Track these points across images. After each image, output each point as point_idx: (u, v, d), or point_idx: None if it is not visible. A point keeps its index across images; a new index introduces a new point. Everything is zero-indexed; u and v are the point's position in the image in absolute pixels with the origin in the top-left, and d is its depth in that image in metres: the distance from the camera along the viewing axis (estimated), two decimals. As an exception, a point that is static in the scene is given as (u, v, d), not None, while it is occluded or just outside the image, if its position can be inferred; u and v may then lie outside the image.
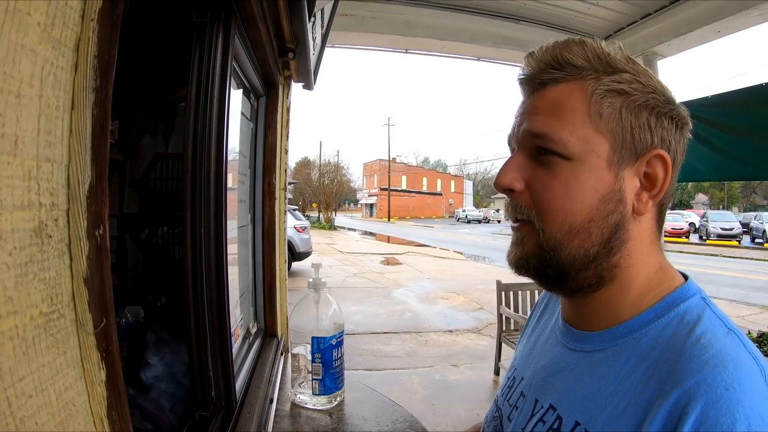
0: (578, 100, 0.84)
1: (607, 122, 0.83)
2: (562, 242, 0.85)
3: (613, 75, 0.85)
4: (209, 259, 1.51)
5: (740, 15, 4.38)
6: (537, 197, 0.87)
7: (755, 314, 11.40)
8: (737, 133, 4.65)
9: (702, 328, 0.76)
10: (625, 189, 0.84)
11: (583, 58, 0.86)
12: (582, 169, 0.83)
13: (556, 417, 0.86)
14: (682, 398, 0.68)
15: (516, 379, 1.09)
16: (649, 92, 0.85)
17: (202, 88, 1.50)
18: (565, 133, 0.83)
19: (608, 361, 0.83)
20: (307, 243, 16.09)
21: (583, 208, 0.83)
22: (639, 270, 0.87)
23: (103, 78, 0.62)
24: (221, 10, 1.56)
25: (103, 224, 0.62)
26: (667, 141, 0.85)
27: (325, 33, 3.14)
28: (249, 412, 1.76)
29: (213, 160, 1.50)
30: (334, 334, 2.08)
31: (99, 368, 0.62)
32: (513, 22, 5.41)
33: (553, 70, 0.87)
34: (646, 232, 0.88)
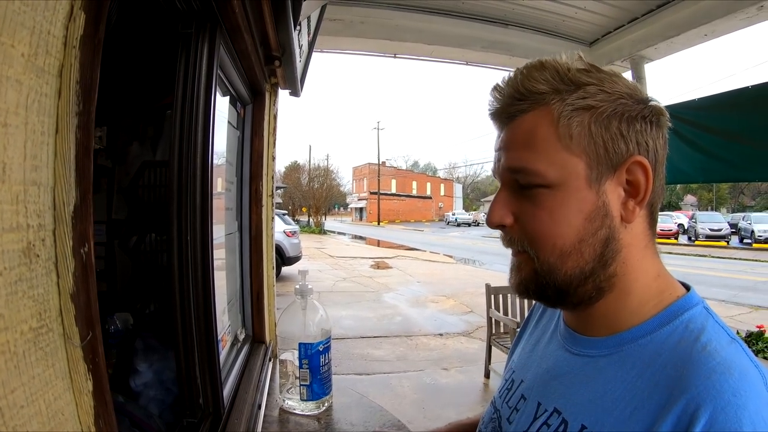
0: (546, 126, 0.85)
1: (578, 142, 0.84)
2: (556, 266, 0.87)
3: (577, 91, 0.85)
4: (196, 267, 1.53)
5: (727, 18, 4.41)
6: (526, 228, 0.89)
7: (744, 314, 11.44)
8: (724, 135, 4.68)
9: (707, 337, 0.78)
10: (609, 202, 0.85)
11: (544, 82, 0.86)
12: (563, 193, 0.85)
13: (561, 420, 0.88)
14: (691, 403, 0.70)
15: (515, 381, 1.09)
16: (616, 99, 0.85)
17: (188, 98, 1.52)
18: (540, 164, 0.85)
19: (614, 366, 0.85)
20: (296, 247, 16.03)
21: (571, 230, 0.85)
22: (637, 276, 0.88)
23: (85, 102, 0.64)
24: (206, 21, 1.58)
25: (88, 242, 0.64)
26: (643, 143, 0.86)
27: (312, 40, 3.15)
28: (237, 418, 1.77)
29: (199, 168, 1.51)
30: (321, 340, 2.09)
31: (86, 379, 0.64)
32: (501, 26, 5.43)
33: (518, 101, 0.88)
34: (638, 237, 0.89)
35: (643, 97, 0.88)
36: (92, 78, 0.66)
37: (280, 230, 15.28)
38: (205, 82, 1.55)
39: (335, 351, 7.96)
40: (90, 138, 0.65)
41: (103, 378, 0.69)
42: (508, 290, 6.59)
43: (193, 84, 1.53)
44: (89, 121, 0.64)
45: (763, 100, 4.31)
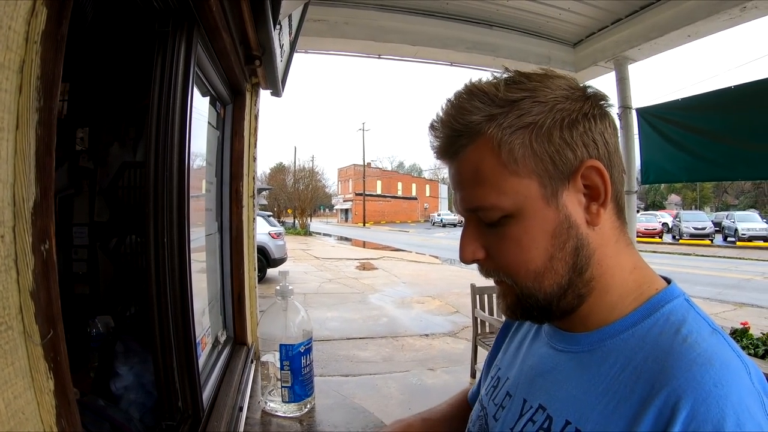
0: (489, 157, 0.84)
1: (524, 164, 0.83)
2: (534, 288, 0.87)
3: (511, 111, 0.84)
4: (173, 269, 1.52)
5: (710, 19, 4.45)
6: (498, 261, 0.90)
7: (728, 311, 11.57)
8: (707, 134, 4.73)
9: (688, 329, 0.79)
10: (570, 213, 0.86)
11: (476, 111, 0.85)
12: (524, 218, 0.85)
13: (546, 417, 0.88)
14: (672, 395, 0.70)
15: (501, 378, 1.10)
16: (553, 107, 0.84)
17: (164, 97, 1.51)
18: (493, 197, 0.85)
19: (597, 361, 0.85)
20: (282, 249, 16.01)
21: (540, 252, 0.85)
22: (613, 273, 0.89)
23: (47, 98, 0.63)
24: (183, 20, 1.57)
25: (49, 239, 0.63)
26: (591, 143, 0.85)
27: (294, 40, 3.14)
28: (217, 421, 1.76)
29: (176, 168, 1.50)
30: (302, 341, 2.08)
31: (47, 378, 0.63)
32: (486, 27, 5.45)
33: (456, 137, 0.87)
34: (608, 235, 0.89)
35: (580, 92, 0.87)
36: (54, 74, 0.65)
37: (265, 232, 15.27)
38: (182, 81, 1.54)
39: (321, 353, 7.99)
40: (51, 134, 0.64)
41: (66, 377, 0.68)
42: (493, 290, 6.59)
43: (170, 83, 1.52)
44: (51, 117, 0.64)
45: (746, 99, 4.37)
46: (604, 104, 0.89)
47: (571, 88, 0.87)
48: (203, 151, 2.20)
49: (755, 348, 4.64)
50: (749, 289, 15.03)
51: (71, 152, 2.64)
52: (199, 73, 1.94)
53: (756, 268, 19.87)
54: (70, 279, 2.66)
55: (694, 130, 4.86)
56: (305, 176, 54.68)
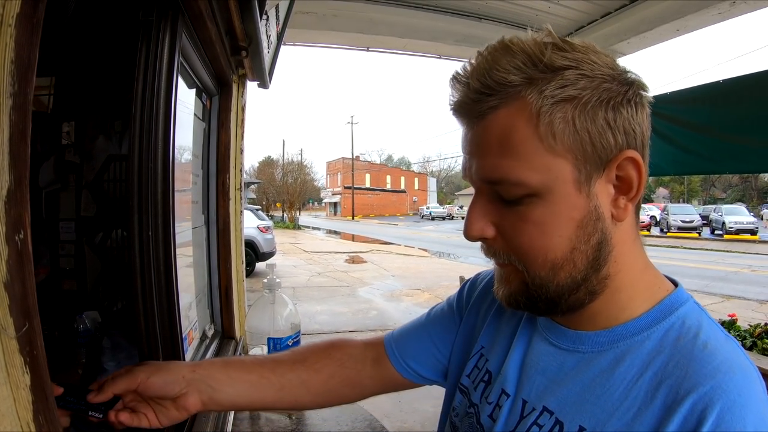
0: (524, 126, 0.75)
1: (562, 141, 0.75)
2: (548, 278, 0.81)
3: (554, 79, 0.74)
4: (158, 263, 1.50)
5: (699, 14, 4.46)
6: (512, 243, 0.82)
7: (716, 303, 11.66)
8: (696, 128, 4.75)
9: (706, 335, 0.77)
10: (600, 204, 0.79)
11: (516, 70, 0.75)
12: (551, 201, 0.77)
13: (555, 421, 0.83)
14: (699, 403, 0.69)
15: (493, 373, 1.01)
16: (599, 84, 0.75)
17: (148, 87, 1.49)
18: (522, 172, 0.76)
19: (610, 364, 0.81)
20: (270, 243, 15.97)
21: (562, 241, 0.79)
22: (628, 272, 0.84)
23: (21, 83, 0.61)
24: (168, 9, 1.54)
25: (24, 229, 0.61)
26: (631, 132, 0.78)
27: (281, 31, 3.12)
28: (205, 415, 1.75)
29: (160, 161, 1.48)
30: (290, 335, 2.07)
31: (23, 372, 0.61)
32: (474, 20, 5.44)
33: (487, 96, 0.77)
34: (627, 234, 0.84)
35: (625, 75, 0.79)
36: (30, 58, 0.63)
37: (254, 226, 15.23)
38: (167, 71, 1.52)
39: (310, 346, 8.00)
40: (26, 120, 0.62)
41: (43, 371, 0.66)
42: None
43: (154, 73, 1.50)
44: (26, 103, 0.61)
45: (734, 94, 4.39)
46: (644, 93, 0.81)
47: (616, 67, 0.79)
48: (189, 144, 2.18)
49: (743, 340, 4.68)
50: (736, 282, 15.16)
51: (57, 147, 2.61)
52: (185, 63, 1.92)
53: (743, 261, 20.04)
54: (57, 275, 2.63)
55: (682, 123, 4.87)
56: (294, 170, 54.65)
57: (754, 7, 4.30)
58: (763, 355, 4.37)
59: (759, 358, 4.26)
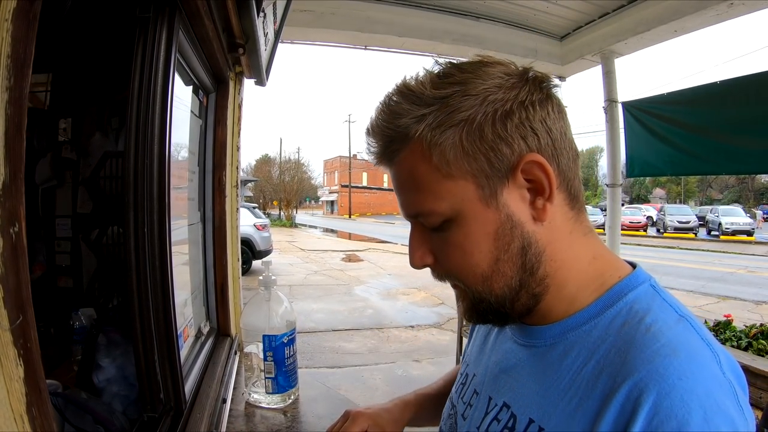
0: (421, 162, 0.81)
1: (456, 165, 0.80)
2: (485, 292, 0.85)
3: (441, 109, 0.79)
4: (153, 259, 1.50)
5: (696, 15, 4.48)
6: (445, 267, 0.89)
7: (712, 304, 11.71)
8: (692, 129, 4.77)
9: (652, 317, 0.76)
10: (513, 212, 0.82)
11: (405, 114, 0.81)
12: (464, 222, 0.82)
13: (510, 415, 0.86)
14: (633, 390, 0.68)
15: (468, 375, 1.09)
16: (484, 99, 0.79)
17: (145, 84, 1.48)
18: (429, 202, 0.82)
19: (559, 355, 0.83)
20: (267, 241, 15.99)
21: (483, 255, 0.83)
22: (570, 266, 0.86)
23: (17, 77, 0.61)
24: (165, 5, 1.54)
25: (19, 222, 0.62)
26: (529, 134, 0.80)
27: (279, 28, 3.11)
28: (200, 413, 1.74)
29: (156, 157, 1.48)
30: (285, 332, 2.07)
31: (17, 365, 0.62)
32: (472, 19, 5.46)
33: (389, 143, 0.85)
34: (560, 229, 0.85)
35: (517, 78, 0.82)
36: (26, 53, 0.63)
37: (251, 224, 15.28)
38: (163, 68, 1.52)
39: (307, 344, 7.98)
40: (22, 115, 0.62)
41: (36, 364, 0.66)
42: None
43: (151, 70, 1.49)
44: (21, 97, 0.62)
45: (731, 95, 4.42)
46: (546, 86, 0.84)
47: (507, 74, 0.82)
48: (185, 141, 2.18)
49: (738, 340, 4.69)
50: (732, 282, 15.23)
51: (54, 143, 2.61)
52: (181, 60, 1.92)
53: (739, 262, 20.12)
54: (53, 272, 2.63)
55: (679, 124, 4.89)
56: (291, 168, 54.64)
57: (752, 9, 4.32)
58: (759, 356, 4.37)
59: (755, 359, 4.26)
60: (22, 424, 0.63)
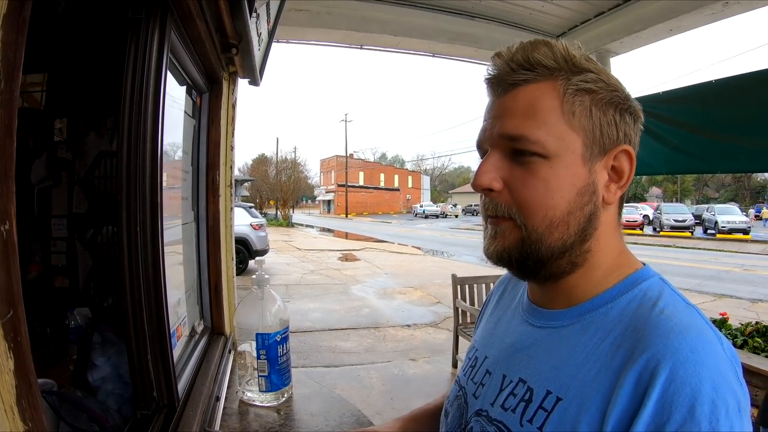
0: (551, 99, 0.88)
1: (579, 120, 0.88)
2: (544, 235, 0.89)
3: (580, 74, 0.89)
4: (146, 258, 1.51)
5: (692, 14, 4.49)
6: (517, 195, 0.90)
7: (708, 302, 11.75)
8: (688, 128, 4.76)
9: (664, 302, 0.84)
10: (597, 181, 0.90)
11: (552, 59, 0.89)
12: (559, 165, 0.88)
13: (527, 389, 0.90)
14: (651, 361, 0.74)
15: (479, 358, 1.12)
16: (612, 90, 0.91)
17: (137, 85, 1.50)
18: (542, 133, 0.87)
19: (576, 333, 0.89)
20: (263, 240, 15.96)
21: (563, 202, 0.88)
22: (606, 253, 0.93)
23: (8, 81, 0.63)
24: (157, 7, 1.55)
25: (9, 220, 0.63)
26: (629, 135, 0.92)
27: (272, 28, 3.12)
28: (192, 410, 1.76)
29: (148, 157, 1.49)
30: (278, 330, 2.08)
31: (7, 358, 0.63)
32: (468, 18, 5.45)
33: (525, 71, 0.90)
34: (611, 219, 0.95)
35: (629, 94, 0.94)
36: (16, 57, 0.65)
37: (247, 223, 15.24)
38: (155, 69, 1.53)
39: (303, 344, 7.99)
40: (12, 117, 0.64)
41: (26, 357, 0.68)
42: (474, 280, 6.67)
43: (143, 71, 1.51)
44: (11, 100, 0.64)
45: (726, 94, 4.41)
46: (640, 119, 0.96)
47: (624, 88, 0.94)
48: (179, 140, 2.18)
49: (734, 338, 4.72)
50: (728, 281, 15.28)
51: (50, 143, 2.61)
52: (174, 60, 1.93)
53: (735, 260, 20.17)
54: (49, 272, 2.64)
55: (674, 123, 4.89)
56: (288, 167, 54.52)
57: (747, 8, 4.34)
58: (754, 354, 4.40)
59: (750, 357, 4.29)
60: (12, 415, 0.64)
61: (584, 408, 0.79)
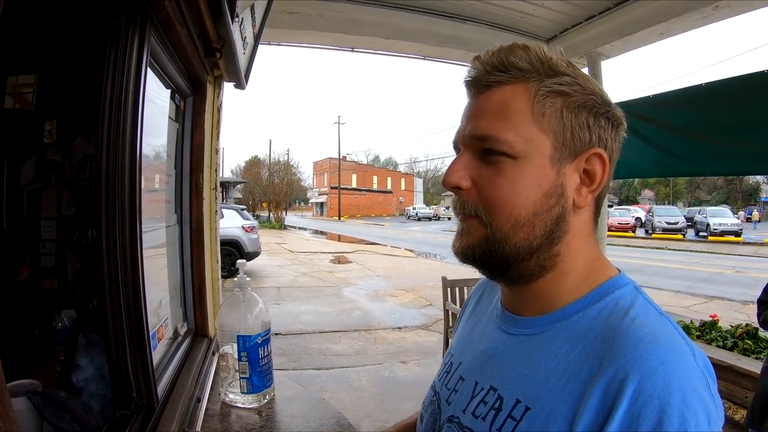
0: (522, 101, 0.90)
1: (549, 121, 0.89)
2: (508, 235, 0.90)
3: (554, 77, 0.90)
4: (125, 260, 1.52)
5: (683, 18, 4.50)
6: (484, 194, 0.92)
7: (699, 304, 11.80)
8: (678, 131, 4.77)
9: (636, 311, 0.83)
10: (566, 184, 0.91)
11: (526, 62, 0.90)
12: (527, 166, 0.89)
13: (497, 397, 0.91)
14: (619, 372, 0.74)
15: (453, 364, 1.12)
16: (588, 94, 0.91)
17: (116, 90, 1.51)
18: (510, 134, 0.89)
19: (547, 342, 0.89)
20: (255, 243, 15.92)
21: (528, 202, 0.89)
22: (577, 259, 0.93)
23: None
24: (137, 13, 1.57)
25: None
26: (604, 139, 0.92)
27: (258, 32, 3.13)
28: (172, 411, 1.76)
29: (127, 161, 1.50)
30: (259, 332, 2.09)
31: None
32: (459, 21, 5.46)
33: (498, 72, 0.92)
34: (584, 225, 0.95)
35: (609, 100, 0.94)
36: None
37: (238, 225, 15.22)
38: (135, 74, 1.54)
39: (294, 346, 7.99)
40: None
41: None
42: (464, 283, 6.67)
43: (122, 76, 1.52)
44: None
45: (716, 97, 4.42)
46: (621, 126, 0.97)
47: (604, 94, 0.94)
48: (161, 144, 2.19)
49: (724, 340, 4.73)
50: (720, 283, 15.37)
51: (39, 145, 2.62)
52: (156, 65, 1.94)
53: (726, 262, 20.26)
54: (39, 273, 2.64)
55: (664, 126, 4.91)
56: (280, 169, 54.31)
57: (737, 11, 4.35)
58: (744, 356, 4.42)
59: (740, 359, 4.30)
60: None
61: (552, 418, 0.80)
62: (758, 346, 4.52)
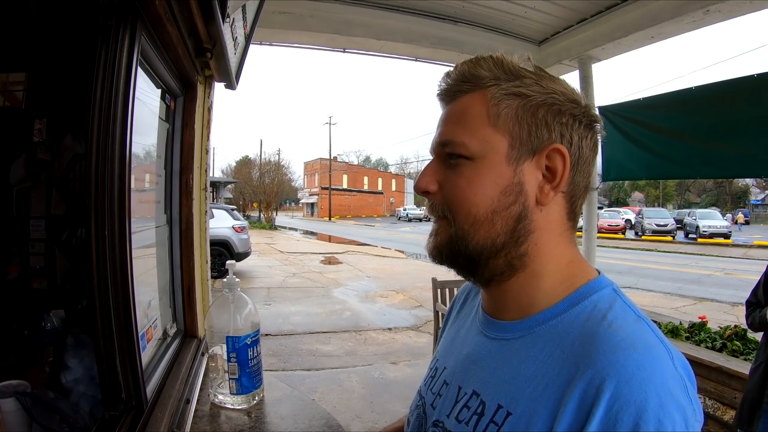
0: (479, 105, 0.94)
1: (504, 122, 0.92)
2: (469, 233, 0.93)
3: (514, 81, 0.94)
4: (114, 261, 1.51)
5: (673, 21, 4.55)
6: (447, 195, 0.96)
7: (688, 305, 11.89)
8: (668, 133, 4.82)
9: (614, 315, 0.84)
10: (525, 182, 0.93)
11: (487, 70, 0.95)
12: (483, 165, 0.92)
13: (480, 402, 0.92)
14: (595, 378, 0.74)
15: (438, 369, 1.14)
16: (549, 93, 0.93)
17: (106, 90, 1.50)
18: (466, 137, 0.93)
19: (526, 347, 0.90)
20: (245, 243, 15.90)
21: (485, 200, 0.92)
22: (549, 259, 0.94)
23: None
24: (128, 13, 1.56)
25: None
26: (567, 136, 0.93)
27: (249, 33, 3.12)
28: (161, 412, 1.76)
29: (117, 161, 1.50)
30: (249, 333, 2.09)
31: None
32: (450, 23, 5.49)
33: (461, 83, 0.97)
34: (553, 224, 0.96)
35: (578, 100, 0.95)
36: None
37: (229, 226, 15.20)
38: (125, 74, 1.54)
39: (284, 347, 7.99)
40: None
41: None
42: (455, 284, 6.69)
43: (112, 76, 1.51)
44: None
45: (706, 100, 4.48)
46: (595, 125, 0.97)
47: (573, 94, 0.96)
48: (151, 144, 2.18)
49: (713, 341, 4.77)
50: (709, 284, 15.48)
51: (29, 144, 2.60)
52: (147, 66, 1.93)
53: (715, 264, 20.42)
54: (28, 273, 2.63)
55: (654, 128, 4.95)
56: (271, 169, 54.21)
57: (728, 16, 4.40)
58: (733, 357, 4.45)
59: (729, 360, 4.34)
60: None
61: (532, 423, 0.80)
62: (747, 347, 4.56)
